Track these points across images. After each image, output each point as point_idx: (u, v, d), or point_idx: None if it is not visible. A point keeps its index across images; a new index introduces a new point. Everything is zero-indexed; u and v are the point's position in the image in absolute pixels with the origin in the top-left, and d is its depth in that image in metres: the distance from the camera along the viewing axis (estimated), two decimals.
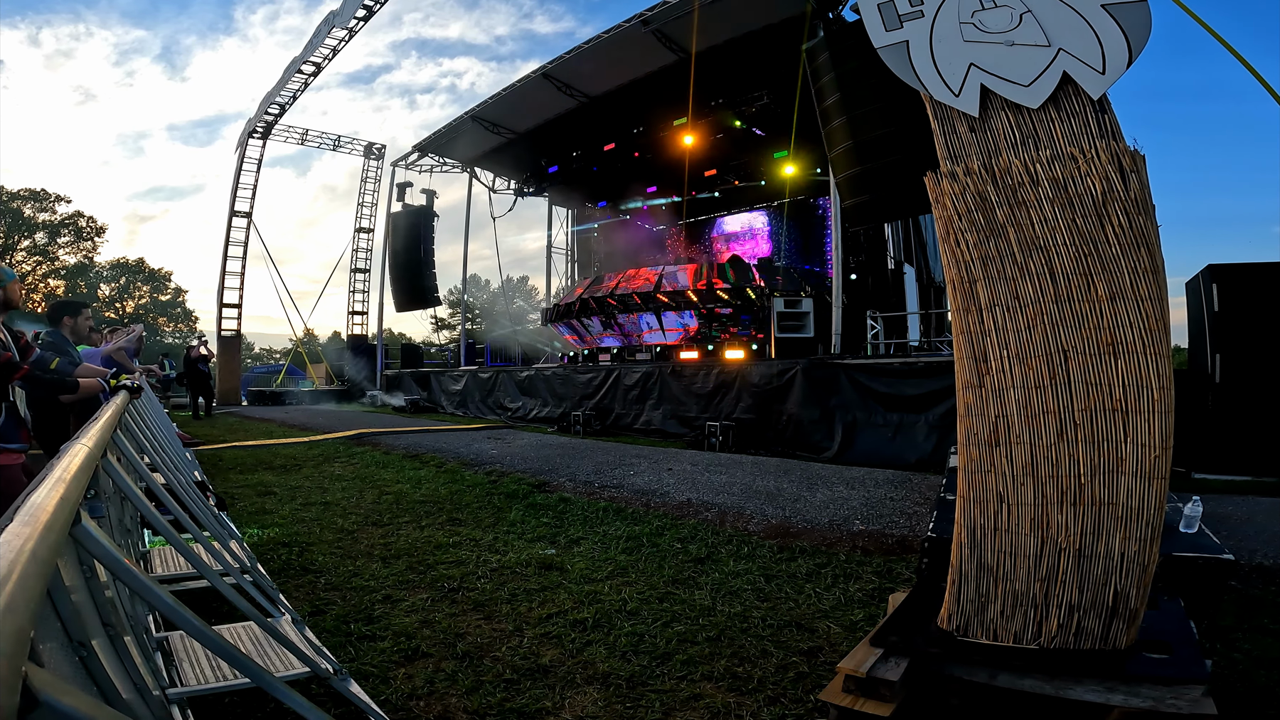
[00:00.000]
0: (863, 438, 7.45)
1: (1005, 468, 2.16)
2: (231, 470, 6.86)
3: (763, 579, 3.38)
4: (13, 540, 0.61)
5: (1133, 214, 2.07)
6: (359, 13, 14.45)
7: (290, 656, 2.11)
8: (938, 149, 2.43)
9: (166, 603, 1.07)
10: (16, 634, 0.45)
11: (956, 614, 2.20)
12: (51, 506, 0.74)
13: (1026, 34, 2.36)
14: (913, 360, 7.40)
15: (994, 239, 2.25)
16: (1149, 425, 1.99)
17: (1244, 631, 2.62)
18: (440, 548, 3.96)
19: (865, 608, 2.98)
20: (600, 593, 3.20)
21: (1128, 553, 1.97)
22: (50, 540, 0.67)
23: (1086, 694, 1.84)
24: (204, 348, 14.00)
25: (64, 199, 39.06)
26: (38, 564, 0.59)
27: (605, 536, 4.19)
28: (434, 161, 18.20)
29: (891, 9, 2.63)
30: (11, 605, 0.48)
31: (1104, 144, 2.15)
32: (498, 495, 5.45)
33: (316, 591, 3.25)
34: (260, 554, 3.72)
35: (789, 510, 4.63)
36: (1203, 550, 2.63)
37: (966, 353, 2.27)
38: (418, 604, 3.07)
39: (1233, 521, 3.99)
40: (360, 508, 5.08)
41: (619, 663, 2.47)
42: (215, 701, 2.11)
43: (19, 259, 36.98)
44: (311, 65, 16.67)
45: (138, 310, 41.74)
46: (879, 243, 12.04)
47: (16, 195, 37.47)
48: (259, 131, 19.38)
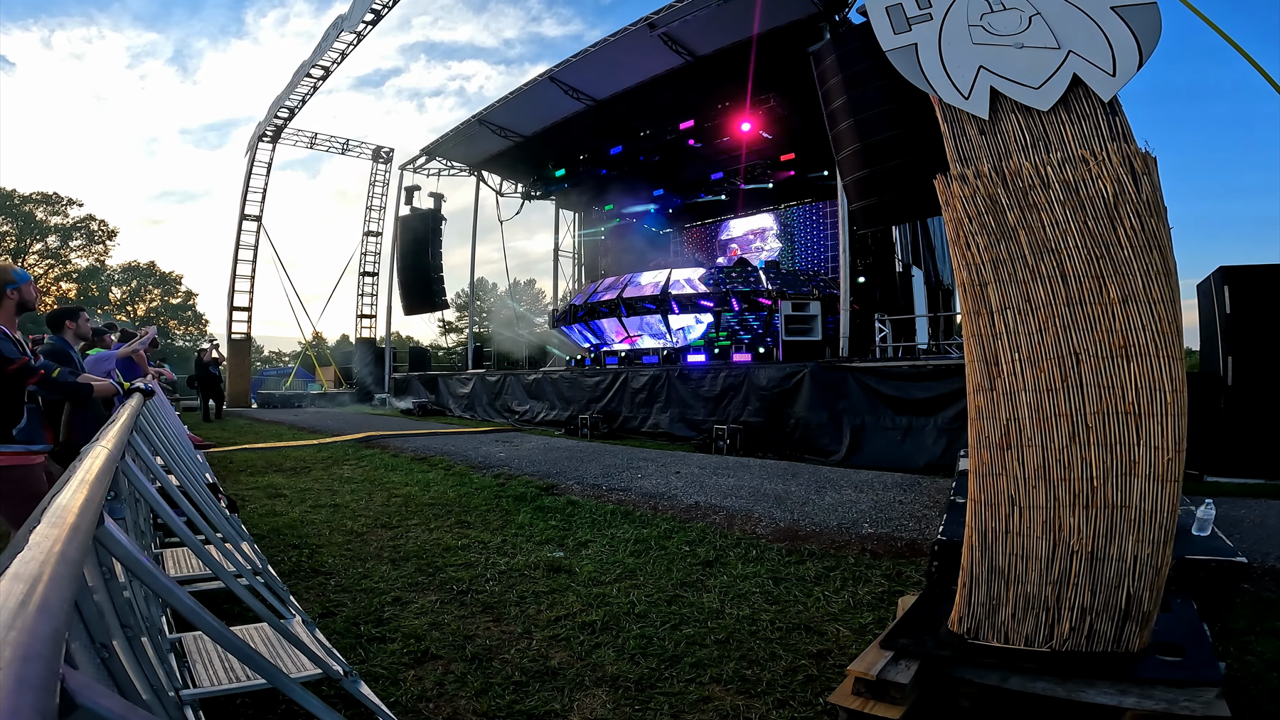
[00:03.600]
0: (871, 441, 7.43)
1: (1017, 470, 2.16)
2: (242, 472, 6.90)
3: (771, 582, 3.38)
4: (42, 542, 0.62)
5: (1144, 216, 2.07)
6: (367, 17, 14.54)
7: (301, 657, 2.12)
8: (947, 152, 2.43)
9: (187, 603, 1.09)
10: (53, 635, 0.45)
11: (967, 617, 2.19)
12: (77, 508, 0.75)
13: (1036, 36, 2.36)
14: (921, 363, 7.37)
15: (1005, 242, 2.25)
16: (1161, 428, 1.98)
17: (1257, 634, 2.60)
18: (449, 550, 3.98)
19: (874, 611, 2.97)
20: (609, 595, 3.21)
21: (1140, 555, 1.96)
22: (77, 541, 0.68)
23: (1099, 696, 1.84)
24: (215, 351, 14.09)
25: (76, 202, 39.41)
26: (67, 565, 0.60)
27: (613, 539, 4.19)
28: (441, 165, 18.27)
29: (900, 12, 2.63)
30: (45, 606, 0.49)
31: (1115, 146, 2.14)
32: (506, 498, 5.46)
33: (327, 593, 3.27)
34: (271, 556, 3.75)
35: (797, 513, 4.62)
36: (1216, 553, 2.61)
37: (977, 356, 2.26)
38: (427, 606, 3.08)
39: (1246, 524, 3.96)
40: (369, 510, 5.10)
41: (628, 665, 2.48)
42: (227, 703, 2.13)
43: (31, 262, 37.32)
44: (320, 69, 16.78)
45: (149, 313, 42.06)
46: (887, 245, 12.01)
47: (29, 199, 37.83)
48: (268, 135, 19.52)
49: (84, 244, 40.00)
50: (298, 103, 18.19)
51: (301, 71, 17.27)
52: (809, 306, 9.56)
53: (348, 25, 15.06)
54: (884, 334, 9.78)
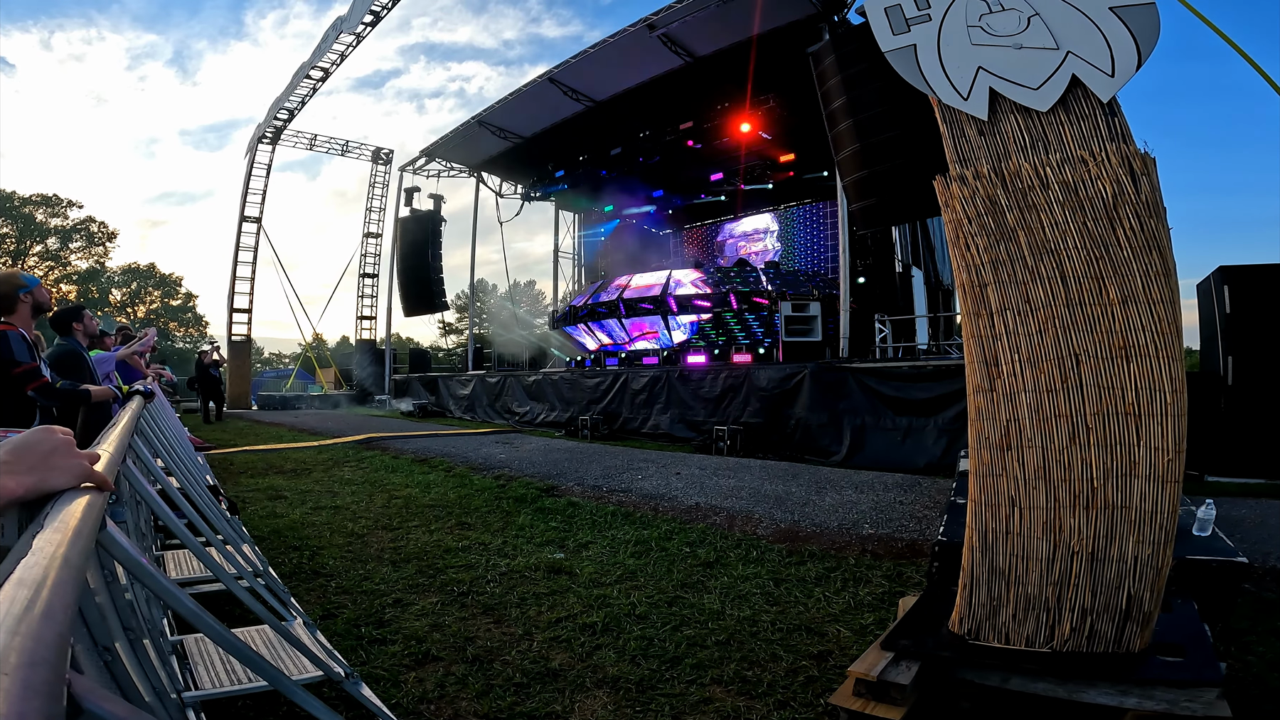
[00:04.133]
0: (872, 441, 7.43)
1: (1017, 471, 2.16)
2: (242, 474, 6.90)
3: (772, 583, 3.38)
4: (45, 547, 0.62)
5: (1144, 216, 2.07)
6: (366, 18, 14.56)
7: (302, 659, 2.13)
8: (947, 152, 2.43)
9: (188, 606, 1.09)
10: (58, 640, 0.45)
11: (968, 618, 2.19)
12: (80, 511, 0.75)
13: (1035, 37, 2.36)
14: (921, 364, 7.38)
15: (1004, 242, 2.25)
16: (1162, 428, 1.98)
17: (1258, 634, 2.60)
18: (450, 551, 3.98)
19: (875, 612, 2.97)
20: (609, 597, 3.21)
21: (1141, 556, 1.97)
22: (80, 545, 0.68)
23: (1100, 697, 1.84)
24: (215, 353, 14.10)
25: (75, 204, 39.43)
26: (70, 569, 0.60)
27: (614, 540, 4.19)
28: (441, 166, 18.28)
29: (899, 12, 2.63)
30: (49, 611, 0.49)
31: (1114, 147, 2.14)
32: (506, 499, 5.46)
33: (327, 595, 3.27)
34: (271, 558, 3.75)
35: (798, 514, 4.62)
36: (1216, 553, 2.61)
37: (977, 356, 2.27)
38: (428, 608, 3.08)
39: (1246, 525, 3.96)
40: (370, 511, 5.10)
41: (628, 666, 2.48)
42: (229, 705, 2.13)
43: (31, 264, 37.32)
44: (320, 70, 16.80)
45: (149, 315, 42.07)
46: (887, 246, 12.01)
47: (28, 200, 37.86)
48: (268, 137, 19.54)
49: (84, 246, 40.02)
50: (297, 104, 18.20)
51: (301, 73, 17.29)
52: (809, 307, 9.57)
53: (347, 26, 15.08)
54: (884, 334, 9.79)
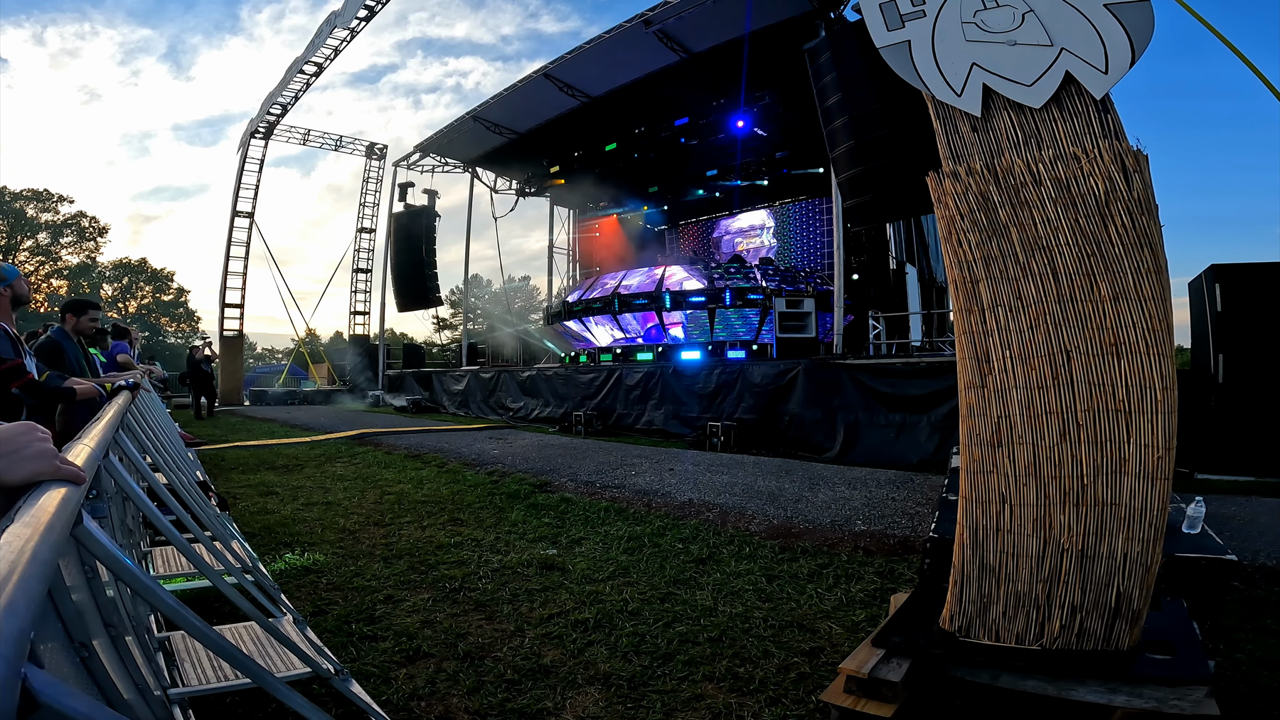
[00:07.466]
0: (865, 438, 7.44)
1: (1008, 468, 2.16)
2: (234, 470, 6.87)
3: (764, 579, 3.38)
4: (13, 541, 0.61)
5: (1136, 214, 2.07)
6: (360, 13, 14.45)
7: (291, 656, 2.11)
8: (940, 149, 2.43)
9: (168, 603, 1.07)
10: (17, 636, 0.44)
11: (959, 615, 2.19)
12: (53, 507, 0.74)
13: (1029, 33, 2.36)
14: (915, 360, 7.39)
15: (996, 239, 2.25)
16: (1152, 426, 1.98)
17: (1247, 632, 2.61)
18: (442, 548, 3.96)
19: (867, 608, 2.97)
20: (602, 593, 3.20)
21: (1130, 554, 1.97)
22: (51, 541, 0.67)
23: (1089, 695, 1.84)
24: (207, 348, 14.03)
25: (67, 199, 39.23)
26: (39, 565, 0.59)
27: (607, 537, 4.19)
28: (436, 162, 18.20)
29: (893, 8, 2.62)
30: (12, 606, 0.48)
31: (1107, 144, 2.14)
32: (499, 495, 5.45)
33: (318, 591, 3.25)
34: (261, 554, 3.73)
35: (791, 510, 4.62)
36: (1206, 551, 2.63)
37: (969, 353, 2.26)
38: (419, 604, 3.07)
39: (1236, 522, 3.98)
40: (362, 508, 5.08)
41: (620, 663, 2.47)
42: (217, 701, 2.11)
43: (21, 259, 37.10)
44: (314, 65, 16.68)
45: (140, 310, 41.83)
46: (881, 243, 12.03)
47: (19, 195, 37.59)
48: (261, 132, 19.40)
49: (75, 241, 39.80)
50: (291, 99, 18.08)
51: (295, 67, 17.16)
52: (803, 303, 9.56)
53: (341, 21, 14.97)
54: (878, 331, 9.80)
